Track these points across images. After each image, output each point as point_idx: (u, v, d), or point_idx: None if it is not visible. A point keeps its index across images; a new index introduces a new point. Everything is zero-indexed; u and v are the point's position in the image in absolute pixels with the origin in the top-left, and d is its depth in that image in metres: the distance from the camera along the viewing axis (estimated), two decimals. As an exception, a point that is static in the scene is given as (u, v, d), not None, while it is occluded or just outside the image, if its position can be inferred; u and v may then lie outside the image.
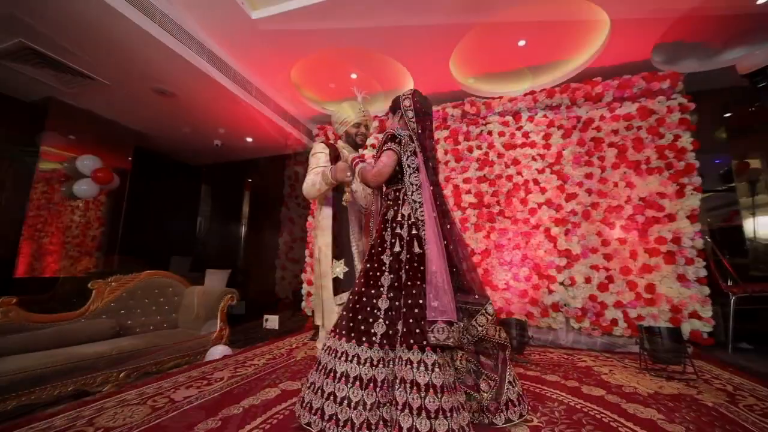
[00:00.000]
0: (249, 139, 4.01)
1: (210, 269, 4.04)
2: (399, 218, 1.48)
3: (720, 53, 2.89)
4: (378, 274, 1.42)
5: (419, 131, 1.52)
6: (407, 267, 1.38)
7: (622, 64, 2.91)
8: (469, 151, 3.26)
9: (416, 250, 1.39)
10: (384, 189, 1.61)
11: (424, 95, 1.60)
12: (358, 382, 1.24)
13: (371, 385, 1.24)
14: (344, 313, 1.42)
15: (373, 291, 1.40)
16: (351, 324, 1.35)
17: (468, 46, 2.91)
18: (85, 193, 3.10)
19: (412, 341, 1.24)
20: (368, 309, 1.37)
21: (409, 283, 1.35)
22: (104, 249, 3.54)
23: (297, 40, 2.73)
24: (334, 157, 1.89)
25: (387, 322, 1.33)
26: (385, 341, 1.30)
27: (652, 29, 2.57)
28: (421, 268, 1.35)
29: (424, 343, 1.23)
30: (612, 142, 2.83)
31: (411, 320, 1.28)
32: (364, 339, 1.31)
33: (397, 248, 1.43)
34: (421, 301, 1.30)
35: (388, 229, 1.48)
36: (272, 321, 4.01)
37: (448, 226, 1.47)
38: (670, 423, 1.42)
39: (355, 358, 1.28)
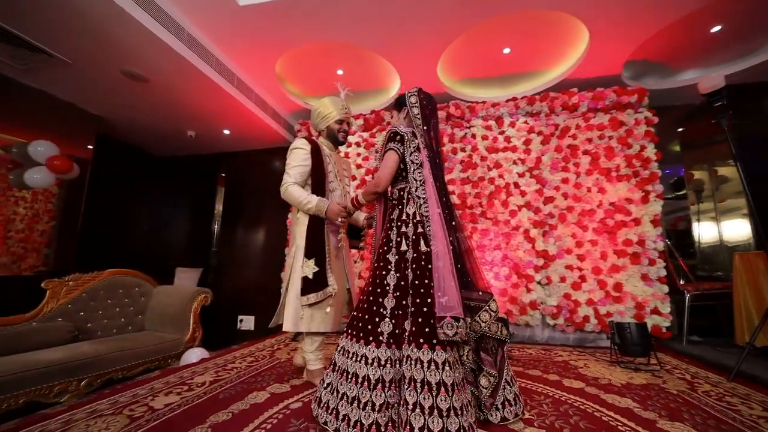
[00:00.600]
0: (226, 132, 3.81)
1: (180, 268, 3.79)
2: (404, 217, 1.49)
3: (681, 73, 3.19)
4: (384, 273, 1.43)
5: (424, 128, 1.53)
6: (414, 266, 1.39)
7: (596, 77, 3.11)
8: (453, 153, 3.33)
9: (423, 248, 1.40)
10: (389, 189, 1.62)
11: (429, 93, 1.61)
12: (366, 383, 1.25)
13: (379, 385, 1.24)
14: (355, 314, 1.45)
15: (379, 290, 1.41)
16: (360, 324, 1.38)
17: (456, 51, 2.96)
18: (38, 183, 2.79)
19: (421, 340, 1.25)
20: (375, 308, 1.38)
21: (416, 282, 1.36)
22: (56, 245, 3.21)
23: (285, 32, 2.63)
24: (315, 153, 1.87)
25: (393, 321, 1.34)
26: (392, 340, 1.31)
27: (624, 47, 2.77)
28: (429, 266, 1.36)
29: (434, 341, 1.24)
30: (586, 149, 3.01)
31: (420, 319, 1.29)
32: (371, 338, 1.32)
33: (403, 247, 1.43)
34: (429, 300, 1.31)
35: (394, 228, 1.49)
36: (247, 322, 3.86)
37: (453, 223, 1.48)
38: (645, 410, 1.54)
39: (363, 359, 1.30)
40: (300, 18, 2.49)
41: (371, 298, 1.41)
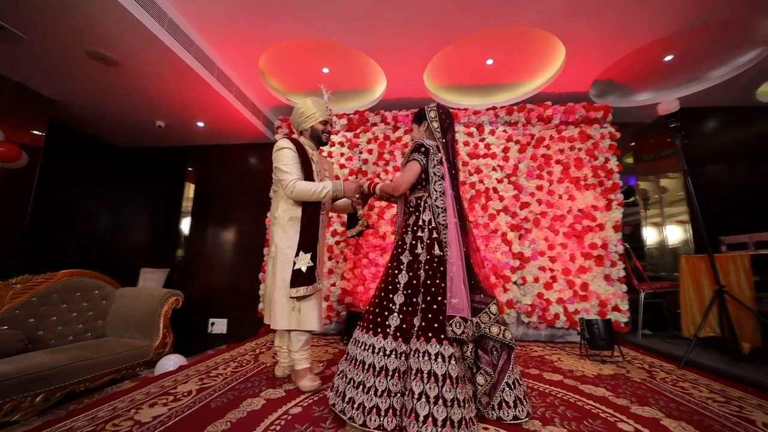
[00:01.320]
0: (200, 124, 3.59)
1: (145, 268, 3.51)
2: (420, 223, 1.59)
3: (637, 94, 3.55)
4: (396, 272, 1.53)
5: (443, 141, 1.64)
6: (427, 267, 1.48)
7: (568, 93, 3.37)
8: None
9: (436, 252, 1.51)
10: (408, 196, 1.73)
11: (446, 108, 1.73)
12: (371, 370, 1.35)
13: (383, 373, 1.33)
14: (369, 308, 1.55)
15: (390, 287, 1.51)
16: (371, 317, 1.48)
17: (442, 58, 3.06)
18: (-23, 172, 2.44)
19: (430, 334, 1.33)
20: (385, 303, 1.47)
21: (428, 281, 1.45)
22: (-3, 243, 2.83)
23: (273, 26, 2.55)
24: (301, 153, 1.86)
25: (401, 316, 1.43)
26: (398, 333, 1.40)
27: (595, 67, 3.03)
28: (441, 268, 1.47)
29: (442, 336, 1.33)
30: (558, 159, 3.25)
31: (430, 315, 1.38)
32: (379, 330, 1.42)
33: (418, 250, 1.54)
34: (439, 298, 1.40)
35: (409, 233, 1.59)
36: (219, 325, 3.67)
37: (466, 231, 1.60)
38: (618, 398, 1.72)
39: (371, 348, 1.40)
40: (289, 13, 2.43)
41: (383, 294, 1.51)
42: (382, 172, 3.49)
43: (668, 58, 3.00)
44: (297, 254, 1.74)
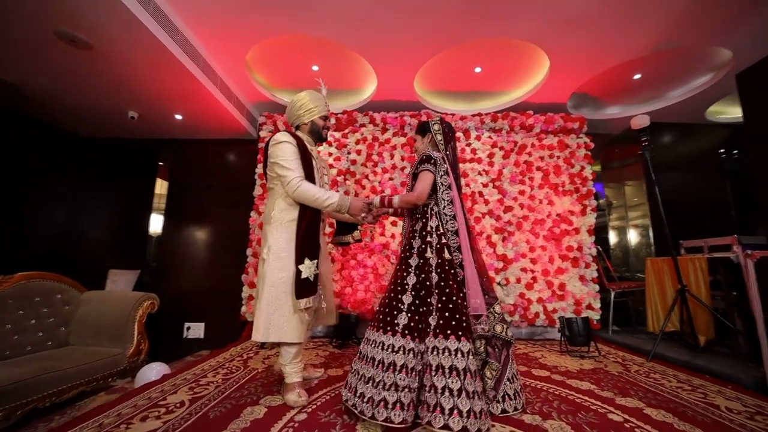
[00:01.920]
0: (178, 117, 3.38)
1: (114, 270, 3.23)
2: (429, 229, 1.65)
3: (608, 108, 3.83)
4: (405, 275, 1.60)
5: (447, 152, 1.74)
6: (439, 270, 1.55)
7: (548, 103, 3.56)
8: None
9: (446, 256, 1.57)
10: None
11: (448, 122, 1.82)
12: (380, 365, 1.41)
13: (391, 368, 1.39)
14: (379, 309, 1.60)
15: (399, 288, 1.57)
16: (381, 317, 1.54)
17: (434, 64, 3.11)
18: None
19: (449, 332, 1.40)
20: (394, 303, 1.54)
21: (442, 283, 1.52)
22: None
23: (265, 19, 2.46)
24: (302, 148, 1.75)
25: (410, 315, 1.49)
26: (406, 332, 1.46)
27: (574, 80, 3.23)
28: (452, 271, 1.54)
29: (460, 333, 1.40)
30: (539, 166, 3.43)
31: (447, 314, 1.45)
32: (388, 328, 1.48)
33: (428, 254, 1.59)
34: (454, 298, 1.47)
35: (417, 238, 1.65)
36: (196, 329, 3.49)
37: (471, 236, 1.69)
38: (602, 390, 1.85)
39: (381, 345, 1.46)
40: (288, 9, 2.36)
41: (392, 295, 1.57)
42: (370, 173, 3.49)
43: (637, 76, 3.28)
44: (301, 261, 1.63)
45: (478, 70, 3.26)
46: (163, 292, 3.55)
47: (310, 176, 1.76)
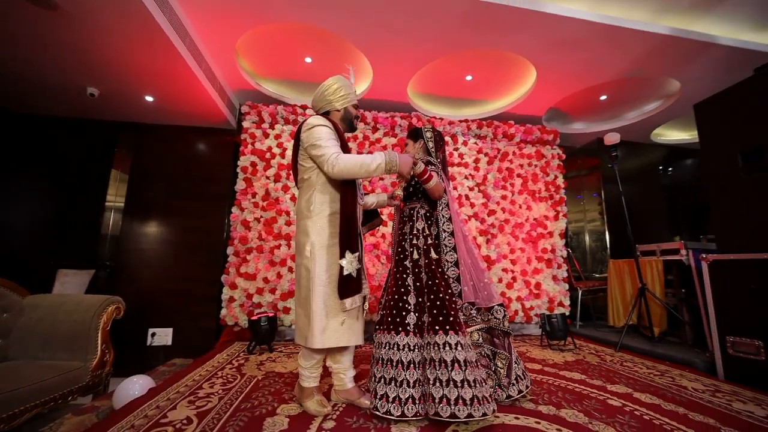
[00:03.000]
0: (149, 98, 3.01)
1: (64, 270, 2.77)
2: (415, 231, 1.73)
3: (573, 123, 4.23)
4: (405, 276, 1.66)
5: (438, 159, 1.84)
6: (426, 270, 1.63)
7: (527, 115, 3.83)
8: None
9: (433, 256, 1.66)
10: (402, 207, 1.84)
11: (438, 130, 1.94)
12: (400, 365, 1.47)
13: (411, 366, 1.47)
14: (384, 311, 1.64)
15: (402, 290, 1.63)
16: (389, 319, 1.58)
17: (428, 68, 3.18)
18: None
19: (447, 327, 1.48)
20: (401, 305, 1.59)
21: (430, 282, 1.60)
22: None
23: (264, 3, 2.32)
24: (338, 132, 1.60)
25: (416, 314, 1.57)
26: (416, 330, 1.55)
27: (553, 96, 3.52)
28: (439, 270, 1.63)
29: (447, 327, 1.48)
30: (519, 173, 3.68)
31: (435, 311, 1.53)
32: (400, 329, 1.54)
33: (415, 256, 1.67)
34: (441, 295, 1.55)
35: (407, 240, 1.73)
36: (163, 336, 3.15)
37: (465, 236, 1.82)
38: (592, 380, 2.04)
39: (395, 346, 1.51)
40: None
41: (397, 297, 1.62)
42: (360, 172, 3.44)
43: (603, 97, 3.67)
44: (343, 255, 1.46)
45: (468, 78, 3.40)
46: (122, 294, 3.13)
47: None
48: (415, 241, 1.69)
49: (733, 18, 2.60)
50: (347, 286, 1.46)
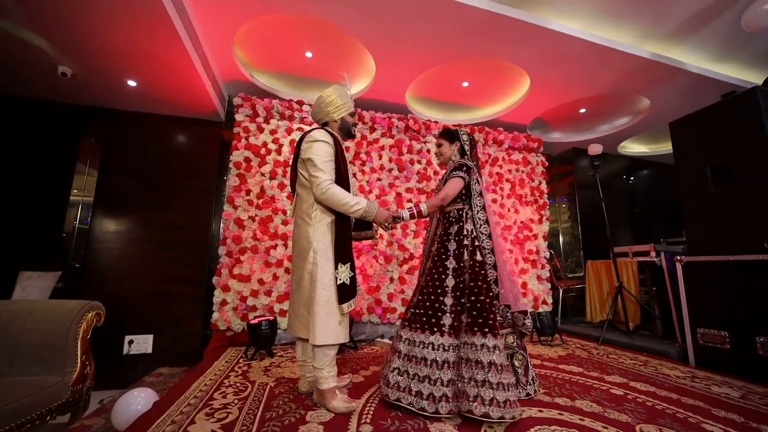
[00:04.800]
0: (131, 83, 2.73)
1: (27, 272, 2.41)
2: (465, 232, 1.75)
3: (552, 133, 4.52)
4: (443, 277, 1.68)
5: (473, 161, 1.91)
6: (470, 272, 1.66)
7: (513, 123, 4.03)
8: (411, 163, 3.57)
9: (478, 258, 1.69)
10: (446, 208, 1.85)
11: (471, 134, 2.03)
12: (434, 364, 1.51)
13: (445, 365, 1.51)
14: (415, 310, 1.67)
15: (440, 290, 1.66)
16: (424, 318, 1.62)
17: (429, 73, 3.23)
18: None
19: (476, 329, 1.53)
20: (437, 305, 1.63)
21: (472, 284, 1.63)
22: None
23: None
24: (338, 146, 1.71)
25: (453, 316, 1.60)
26: (452, 331, 1.58)
27: (541, 107, 3.74)
28: (482, 272, 1.66)
29: (486, 330, 1.52)
30: (508, 178, 3.86)
31: (474, 312, 1.57)
32: (435, 329, 1.58)
33: (465, 256, 1.69)
34: (482, 297, 1.59)
35: (452, 241, 1.74)
36: (142, 343, 2.89)
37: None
38: (589, 372, 2.21)
39: (430, 345, 1.55)
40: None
41: (432, 297, 1.66)
42: (358, 172, 3.41)
43: (582, 110, 3.97)
44: (336, 267, 1.60)
45: (465, 84, 3.50)
46: (92, 298, 2.82)
47: (344, 178, 1.70)
48: (465, 242, 1.71)
49: (701, 48, 2.95)
50: (344, 293, 1.59)
